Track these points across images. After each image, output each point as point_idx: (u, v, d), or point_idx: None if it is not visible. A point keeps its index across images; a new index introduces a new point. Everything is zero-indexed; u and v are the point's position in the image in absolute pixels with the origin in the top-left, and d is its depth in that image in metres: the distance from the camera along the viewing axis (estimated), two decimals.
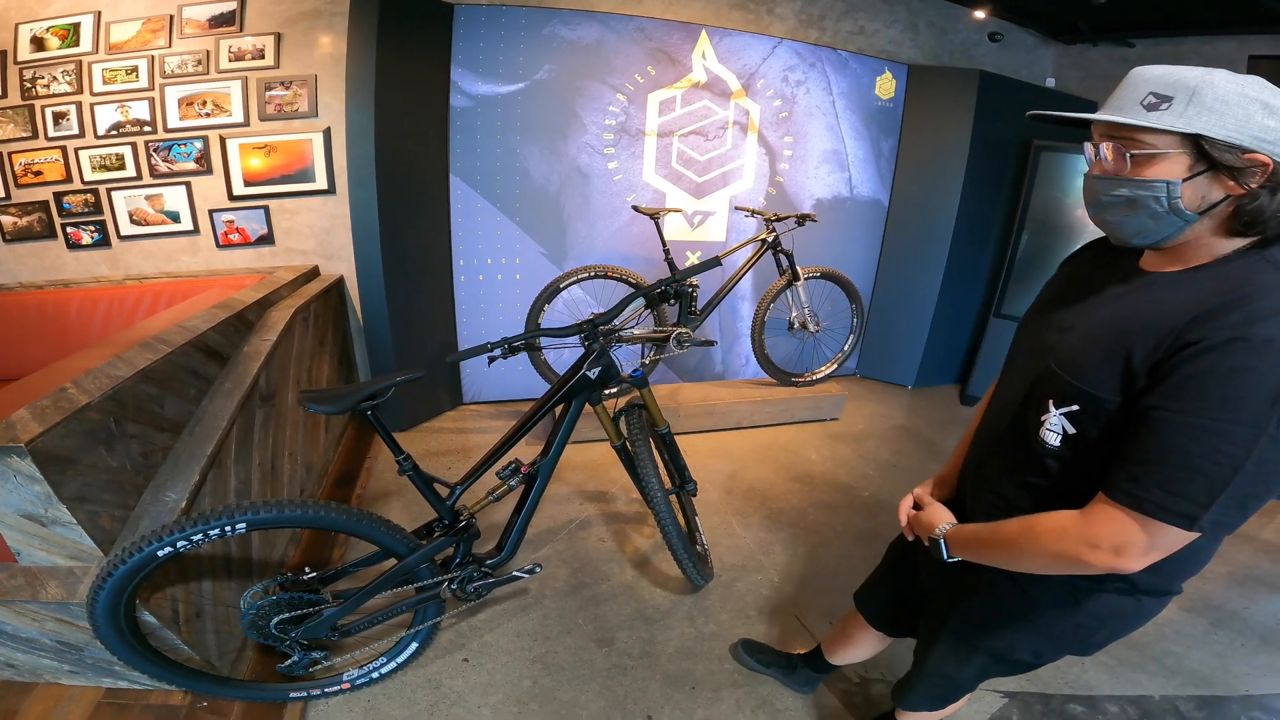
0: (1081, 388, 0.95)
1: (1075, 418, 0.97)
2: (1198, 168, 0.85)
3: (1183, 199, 0.86)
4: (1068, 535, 0.94)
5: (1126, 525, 0.88)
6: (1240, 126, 0.81)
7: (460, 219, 3.65)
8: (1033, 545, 0.99)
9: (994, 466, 1.17)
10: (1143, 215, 0.90)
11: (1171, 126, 0.83)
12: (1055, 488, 1.04)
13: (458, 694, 2.01)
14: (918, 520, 1.27)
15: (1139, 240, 0.94)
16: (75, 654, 1.62)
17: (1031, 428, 1.04)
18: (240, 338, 2.41)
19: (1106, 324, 0.95)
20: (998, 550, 1.06)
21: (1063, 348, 1.00)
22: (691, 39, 3.74)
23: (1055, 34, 4.76)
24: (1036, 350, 1.08)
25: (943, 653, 1.35)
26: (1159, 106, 0.85)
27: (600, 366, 2.00)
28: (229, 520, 1.42)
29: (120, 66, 3.22)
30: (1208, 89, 0.82)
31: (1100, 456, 0.95)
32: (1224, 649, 2.34)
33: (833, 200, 4.39)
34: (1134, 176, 0.89)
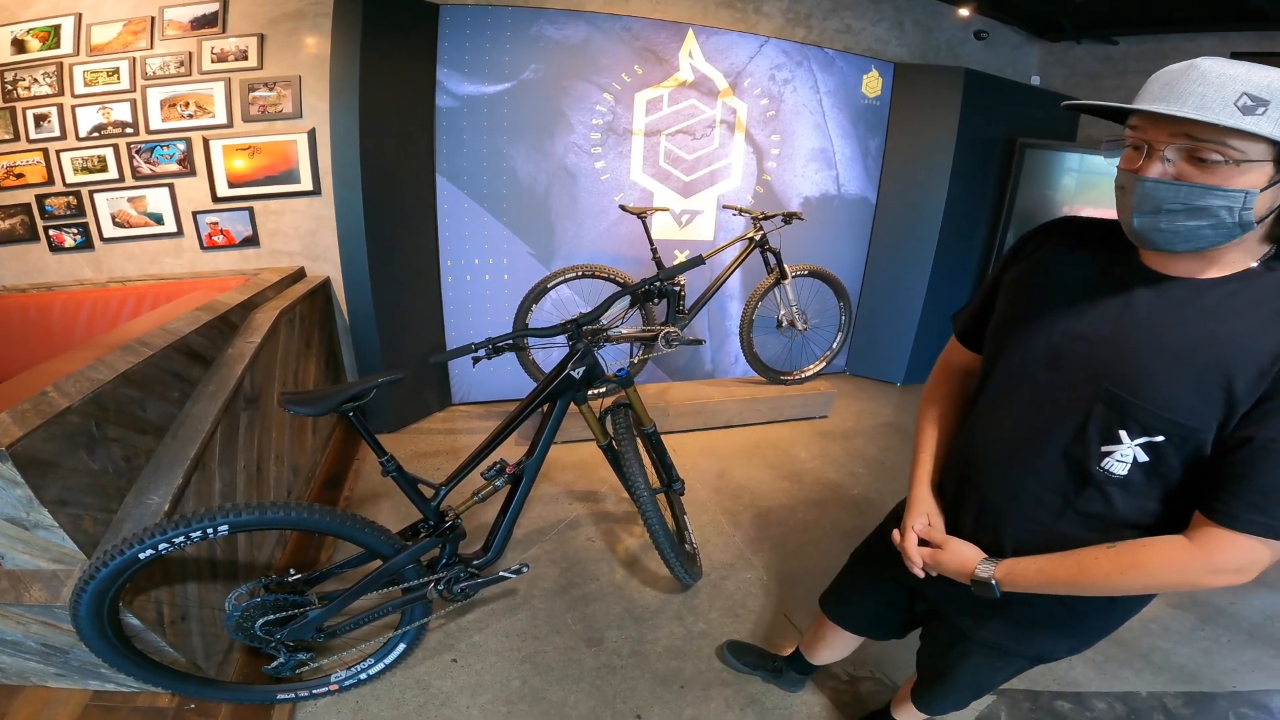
0: (1171, 418, 0.88)
1: (1154, 447, 0.90)
2: (1276, 177, 0.79)
3: (1257, 209, 0.81)
4: (1188, 568, 0.90)
5: (1255, 550, 0.86)
6: None
7: (447, 219, 3.64)
8: (1141, 580, 0.94)
9: (1029, 494, 1.06)
10: (1204, 224, 0.83)
11: (1272, 134, 0.76)
12: (1119, 516, 0.98)
13: (446, 694, 2.00)
14: (939, 561, 1.16)
15: (1184, 247, 0.86)
16: (61, 657, 1.62)
17: (1087, 455, 0.97)
18: (224, 340, 2.39)
19: (1182, 347, 0.88)
20: (1085, 588, 0.98)
21: (1123, 369, 0.92)
22: (678, 38, 3.74)
23: (1040, 32, 4.79)
24: (1067, 367, 0.99)
25: (976, 665, 1.32)
26: (1255, 110, 0.76)
27: (584, 366, 2.00)
28: (210, 522, 1.41)
29: (101, 68, 3.20)
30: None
31: (1176, 482, 0.92)
32: (1210, 645, 2.36)
33: (820, 198, 4.40)
34: (1212, 184, 0.80)
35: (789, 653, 2.05)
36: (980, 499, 1.14)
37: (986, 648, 1.26)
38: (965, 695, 1.45)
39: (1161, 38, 4.31)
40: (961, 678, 1.37)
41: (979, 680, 1.37)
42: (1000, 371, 1.11)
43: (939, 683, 1.44)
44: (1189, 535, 0.90)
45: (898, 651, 2.21)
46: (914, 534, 1.24)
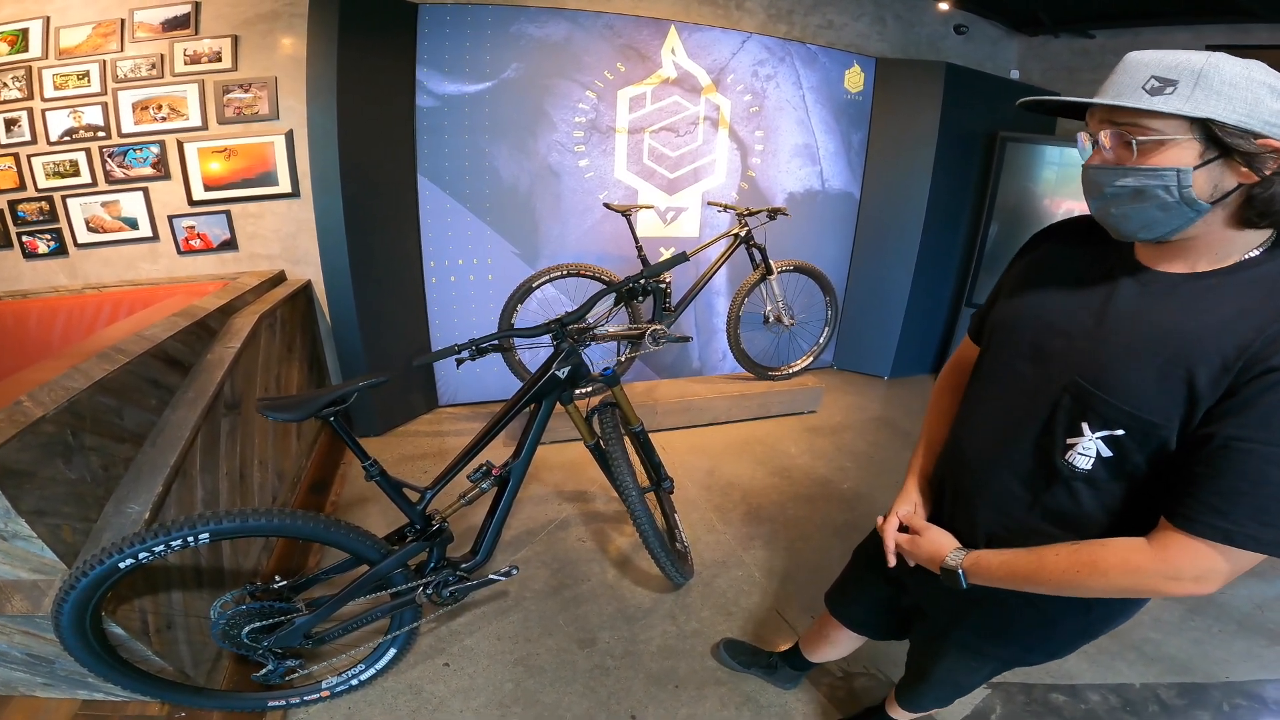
0: (1132, 411, 0.87)
1: (1117, 442, 0.90)
2: (1209, 154, 0.80)
3: (1195, 188, 0.81)
4: (1143, 571, 0.88)
5: (1212, 557, 0.84)
6: (1250, 110, 0.77)
7: (429, 220, 3.60)
8: (1096, 580, 0.92)
9: (1003, 486, 1.07)
10: (1151, 207, 0.84)
11: (1179, 110, 0.79)
12: (1087, 513, 0.97)
13: (439, 699, 1.98)
14: (915, 547, 1.17)
15: (1146, 234, 0.88)
16: (47, 666, 1.61)
17: (1054, 448, 0.97)
18: (203, 345, 2.35)
19: (1149, 339, 0.87)
20: (1043, 584, 0.97)
21: (1091, 362, 0.92)
22: (661, 34, 3.73)
23: (1018, 26, 4.83)
24: (1044, 359, 1.00)
25: (951, 664, 1.33)
26: (1163, 90, 0.80)
27: (569, 366, 1.98)
28: (191, 531, 1.38)
29: (71, 71, 3.13)
30: (1214, 71, 0.78)
31: (1141, 480, 0.91)
32: (1201, 635, 2.37)
33: (805, 194, 4.41)
34: (1141, 165, 0.83)
35: (784, 649, 2.05)
36: (959, 489, 1.16)
37: (960, 647, 1.28)
38: (944, 693, 1.46)
39: (1137, 31, 4.36)
40: (940, 675, 1.38)
41: (956, 679, 1.38)
42: (986, 364, 1.12)
43: (920, 680, 1.45)
44: (1150, 538, 0.89)
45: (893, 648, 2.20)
46: (895, 519, 1.26)
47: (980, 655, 1.26)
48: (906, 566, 1.25)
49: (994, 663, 1.28)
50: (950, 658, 1.32)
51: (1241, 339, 0.80)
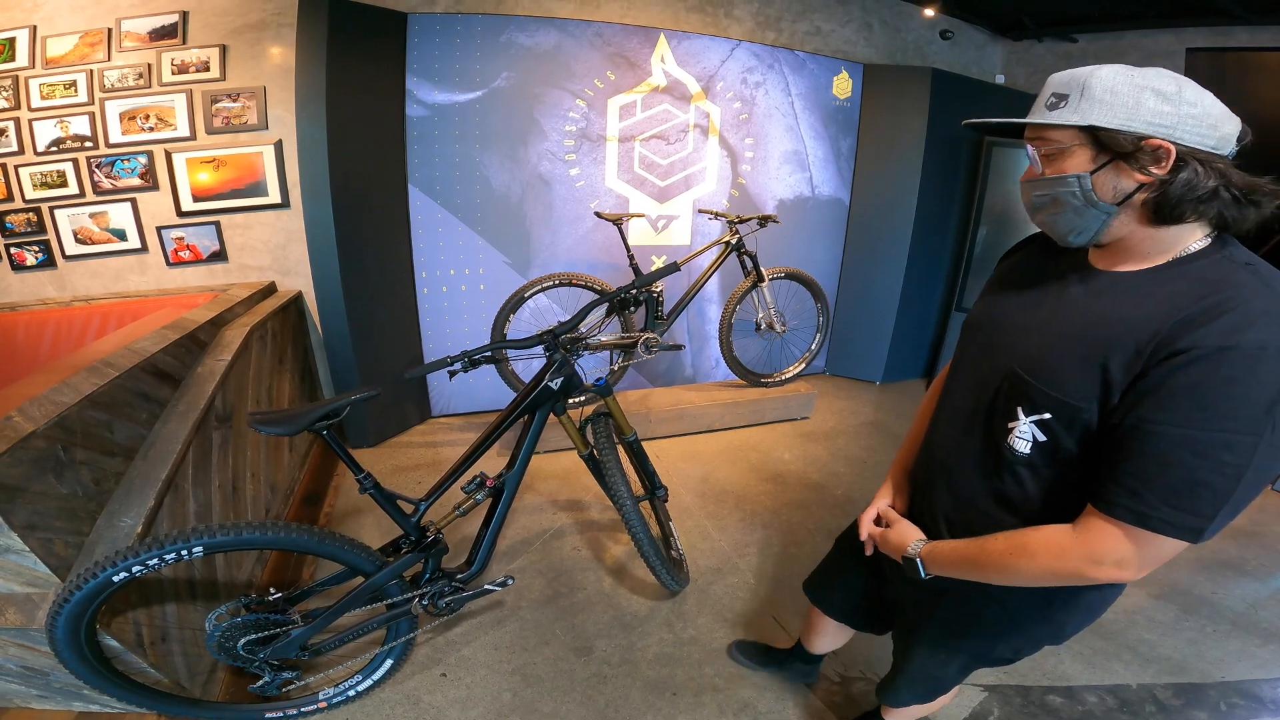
0: (1056, 396, 0.93)
1: (1047, 425, 0.95)
2: (1101, 159, 0.88)
3: (1096, 191, 0.89)
4: (1067, 554, 0.92)
5: (1129, 542, 0.87)
6: (1131, 114, 0.84)
7: (421, 230, 3.60)
8: (1027, 564, 0.96)
9: (962, 474, 1.13)
10: (1067, 212, 0.92)
11: (1066, 121, 0.87)
12: (1031, 498, 1.02)
13: (437, 709, 1.97)
14: (885, 539, 1.24)
15: (1076, 239, 0.95)
16: (42, 679, 1.59)
17: (999, 434, 1.03)
18: (193, 359, 2.33)
19: (1077, 328, 0.93)
20: (985, 569, 1.02)
21: (1028, 351, 0.99)
22: (650, 43, 3.75)
23: (1002, 30, 4.89)
24: (993, 352, 1.06)
25: (924, 657, 1.35)
26: (1059, 105, 0.89)
27: (562, 377, 1.98)
28: (185, 544, 1.37)
29: (58, 81, 3.11)
30: (1096, 82, 0.86)
31: (1075, 465, 0.95)
32: (1196, 635, 2.38)
33: (795, 200, 4.43)
34: (1050, 175, 0.92)
35: (790, 646, 2.08)
36: (928, 480, 1.23)
37: (930, 641, 1.31)
38: (920, 688, 1.45)
39: (1119, 35, 4.41)
40: (914, 669, 1.39)
41: (930, 672, 1.38)
42: (954, 364, 1.20)
43: (898, 674, 1.47)
44: (1075, 523, 0.93)
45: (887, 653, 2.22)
46: (874, 511, 1.35)
47: (948, 648, 1.29)
48: (889, 564, 1.31)
49: (962, 656, 1.30)
50: (922, 651, 1.34)
51: (1155, 326, 0.84)
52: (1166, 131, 0.83)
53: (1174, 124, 0.83)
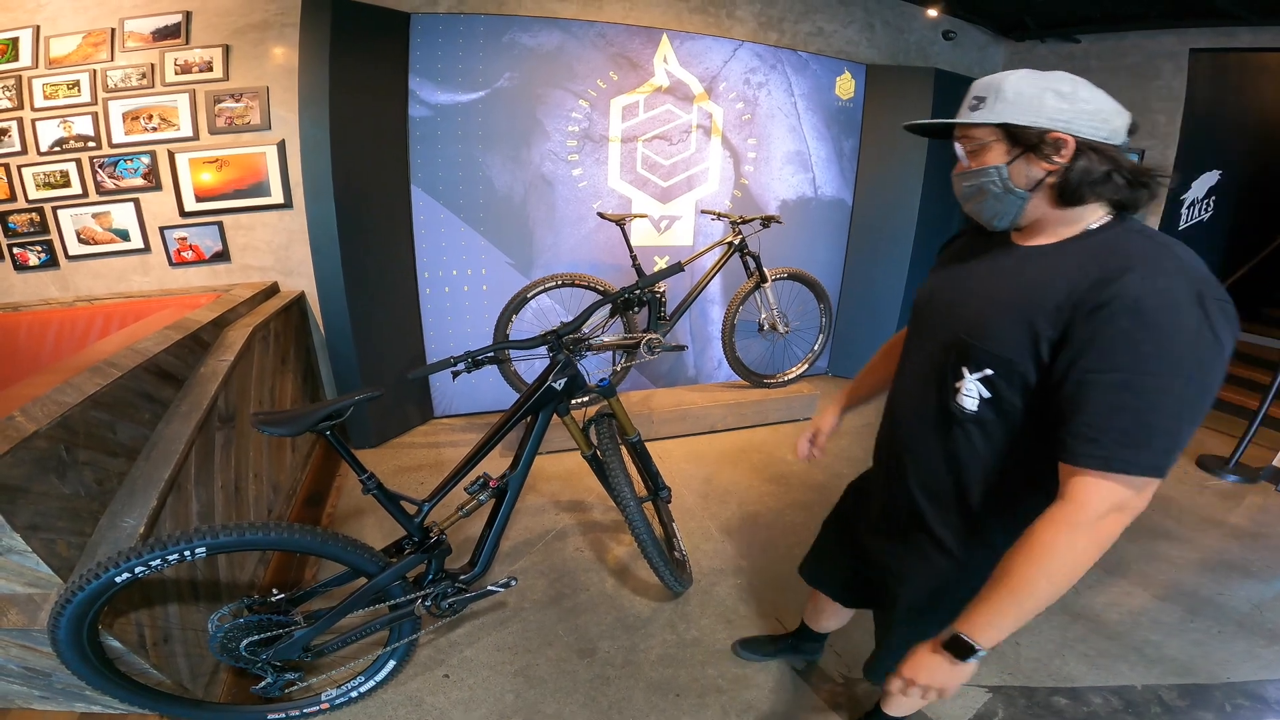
0: (994, 353, 1.03)
1: (990, 382, 1.05)
2: (1014, 151, 1.02)
3: (1012, 179, 1.03)
4: (1073, 525, 0.94)
5: (1108, 487, 0.92)
6: (1036, 112, 0.98)
7: (423, 230, 3.60)
8: (1057, 562, 0.95)
9: (922, 440, 1.21)
10: (990, 199, 1.07)
11: (984, 120, 1.02)
12: (981, 454, 1.11)
13: (440, 710, 1.96)
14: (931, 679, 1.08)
15: (999, 223, 1.09)
16: (44, 680, 1.59)
17: (949, 395, 1.12)
18: (196, 359, 2.33)
19: (1007, 293, 1.05)
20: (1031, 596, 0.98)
21: (968, 318, 1.09)
22: (653, 43, 3.75)
23: (1005, 31, 4.88)
24: (939, 325, 1.16)
25: (904, 631, 1.37)
26: (978, 107, 1.04)
27: (565, 378, 1.97)
28: (188, 545, 1.37)
29: (61, 81, 3.12)
30: (1008, 85, 1.00)
31: (1019, 421, 1.05)
32: (1202, 636, 2.38)
33: (797, 201, 4.43)
34: (974, 168, 1.07)
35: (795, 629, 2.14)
36: (894, 449, 1.31)
37: (906, 612, 1.34)
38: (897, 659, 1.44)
39: (1122, 35, 4.41)
40: (897, 642, 1.40)
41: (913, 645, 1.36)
42: (905, 342, 1.31)
43: (881, 649, 1.50)
44: (1057, 500, 0.97)
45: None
46: (810, 432, 1.67)
47: (924, 621, 1.28)
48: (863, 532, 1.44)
49: (937, 627, 1.27)
50: (902, 624, 1.37)
51: (1072, 285, 0.95)
52: (1065, 125, 0.97)
53: (1071, 119, 0.97)
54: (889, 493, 1.32)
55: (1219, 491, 3.51)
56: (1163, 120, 4.18)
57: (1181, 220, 4.25)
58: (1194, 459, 3.84)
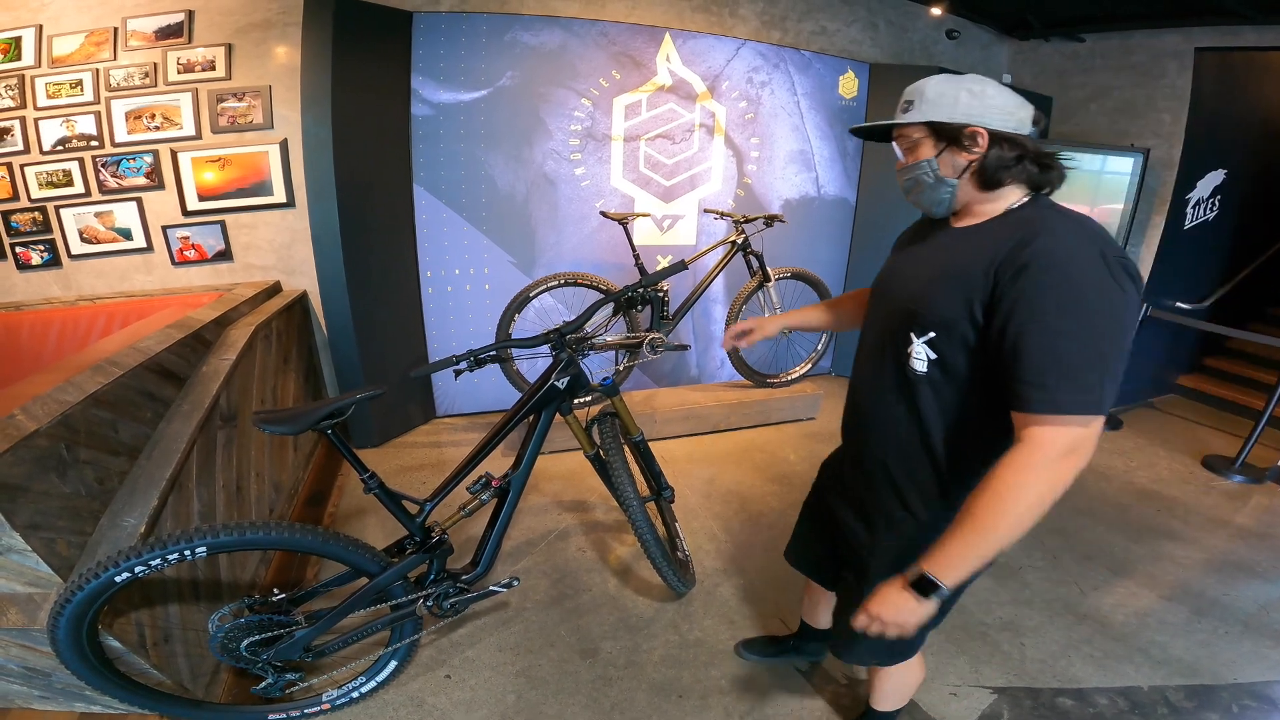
0: (935, 315, 1.15)
1: (934, 343, 1.17)
2: (940, 145, 1.17)
3: (941, 170, 1.18)
4: (1032, 468, 1.02)
5: (1059, 429, 1.01)
6: (953, 109, 1.14)
7: (426, 229, 3.59)
8: (1015, 502, 1.03)
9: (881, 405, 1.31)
10: (927, 189, 1.21)
11: (913, 119, 1.18)
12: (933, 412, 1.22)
13: (441, 711, 1.95)
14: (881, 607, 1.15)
15: (939, 209, 1.24)
16: (44, 679, 1.59)
17: (902, 360, 1.23)
18: (198, 358, 2.32)
19: (943, 265, 1.18)
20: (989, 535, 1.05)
21: (913, 291, 1.22)
22: (655, 42, 3.74)
23: (1009, 30, 4.86)
24: (890, 301, 1.29)
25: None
26: (908, 109, 1.19)
27: (568, 376, 1.96)
28: (188, 544, 1.36)
29: (64, 80, 3.12)
30: (929, 88, 1.16)
31: (963, 380, 1.17)
32: (1208, 637, 2.36)
33: (801, 200, 4.41)
34: (910, 163, 1.22)
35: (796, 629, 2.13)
36: (858, 417, 1.42)
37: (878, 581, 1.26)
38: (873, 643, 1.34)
39: (1127, 34, 4.38)
40: None
41: None
42: (866, 315, 1.44)
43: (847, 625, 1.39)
44: (1015, 445, 1.05)
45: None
46: (750, 327, 1.83)
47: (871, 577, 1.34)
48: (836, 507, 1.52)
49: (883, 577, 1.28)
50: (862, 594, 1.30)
51: (992, 254, 1.08)
52: (979, 119, 1.12)
53: (982, 114, 1.12)
54: (858, 463, 1.41)
55: (1225, 492, 3.49)
56: (1168, 119, 4.16)
57: (1187, 220, 4.22)
58: (1200, 459, 3.82)
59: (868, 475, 1.38)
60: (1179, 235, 4.24)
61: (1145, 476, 3.63)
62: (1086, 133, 4.56)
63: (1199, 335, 4.74)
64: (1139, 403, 4.76)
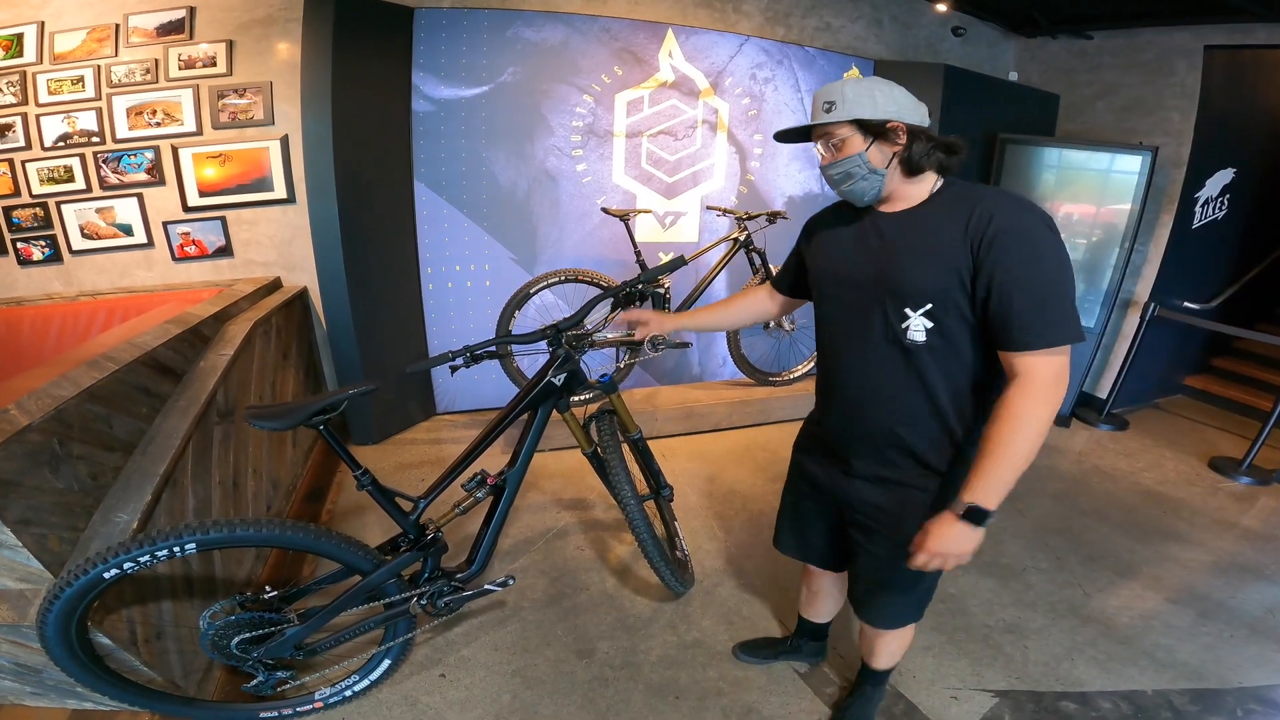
0: (929, 288, 1.27)
1: (931, 314, 1.28)
2: (867, 140, 1.28)
3: (871, 162, 1.29)
4: (1035, 396, 1.19)
5: (1050, 361, 1.19)
6: (875, 108, 1.26)
7: (426, 226, 3.58)
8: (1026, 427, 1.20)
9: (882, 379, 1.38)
10: (859, 180, 1.31)
11: (841, 117, 1.28)
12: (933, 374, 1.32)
13: (435, 710, 1.94)
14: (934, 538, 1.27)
15: (866, 198, 1.35)
16: (35, 676, 1.58)
17: (897, 335, 1.32)
18: (195, 353, 2.31)
19: (914, 246, 1.29)
20: (1015, 460, 1.21)
21: (893, 274, 1.30)
22: (658, 38, 3.71)
23: (1015, 27, 4.81)
24: (866, 287, 1.36)
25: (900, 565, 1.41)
26: (831, 110, 1.29)
27: (565, 372, 1.95)
28: (177, 541, 1.35)
29: (66, 76, 3.11)
30: (848, 90, 1.28)
31: (957, 342, 1.29)
32: (1213, 640, 2.33)
33: (804, 197, 4.38)
34: (841, 158, 1.31)
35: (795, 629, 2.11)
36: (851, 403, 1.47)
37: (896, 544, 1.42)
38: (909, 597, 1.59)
39: (1135, 32, 4.33)
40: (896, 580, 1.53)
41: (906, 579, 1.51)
42: (825, 309, 1.50)
43: (880, 591, 1.59)
44: (1013, 381, 1.22)
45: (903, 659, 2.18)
46: (648, 320, 1.88)
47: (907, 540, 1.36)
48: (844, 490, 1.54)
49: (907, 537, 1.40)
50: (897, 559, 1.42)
51: (960, 227, 1.23)
52: (896, 115, 1.27)
53: (898, 111, 1.27)
54: (868, 438, 1.45)
55: (1232, 494, 3.45)
56: (1177, 117, 4.11)
57: (1195, 219, 4.17)
58: (1207, 461, 3.78)
59: (880, 448, 1.44)
60: (1187, 234, 4.20)
61: (1151, 478, 3.59)
62: (1094, 131, 4.51)
63: (1206, 336, 4.69)
64: (1146, 403, 4.71)
